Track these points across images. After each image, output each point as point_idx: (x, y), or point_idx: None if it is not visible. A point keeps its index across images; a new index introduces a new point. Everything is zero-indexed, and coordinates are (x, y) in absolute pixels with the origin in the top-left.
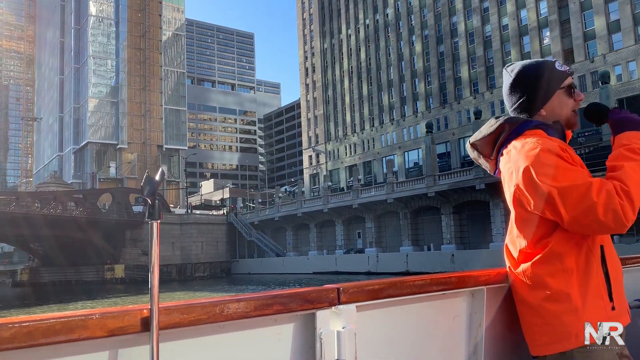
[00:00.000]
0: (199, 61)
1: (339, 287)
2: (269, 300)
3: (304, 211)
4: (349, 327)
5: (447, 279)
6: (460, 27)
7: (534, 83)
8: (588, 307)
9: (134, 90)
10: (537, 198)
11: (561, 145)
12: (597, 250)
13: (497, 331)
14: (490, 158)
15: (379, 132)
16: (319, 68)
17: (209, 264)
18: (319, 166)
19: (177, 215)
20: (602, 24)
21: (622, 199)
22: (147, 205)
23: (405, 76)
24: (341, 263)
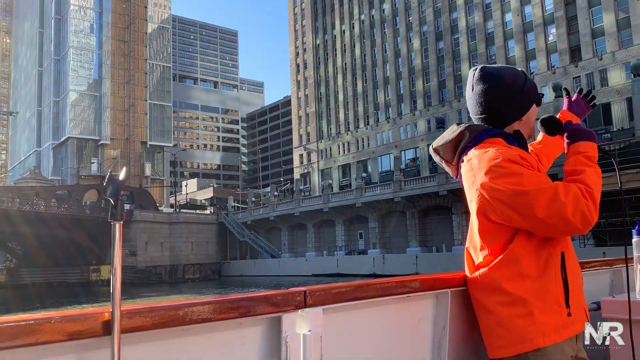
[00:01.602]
0: (181, 58)
1: (306, 290)
2: (234, 304)
3: (302, 210)
4: (315, 330)
5: (413, 282)
6: (461, 23)
7: (518, 93)
8: (544, 312)
9: (117, 84)
10: (503, 206)
11: (520, 154)
12: (558, 256)
13: (461, 333)
14: (452, 164)
15: (374, 131)
16: (311, 64)
17: (199, 266)
18: (311, 165)
19: (166, 214)
20: (611, 21)
21: (588, 200)
22: (109, 205)
23: (402, 73)
24: (343, 265)
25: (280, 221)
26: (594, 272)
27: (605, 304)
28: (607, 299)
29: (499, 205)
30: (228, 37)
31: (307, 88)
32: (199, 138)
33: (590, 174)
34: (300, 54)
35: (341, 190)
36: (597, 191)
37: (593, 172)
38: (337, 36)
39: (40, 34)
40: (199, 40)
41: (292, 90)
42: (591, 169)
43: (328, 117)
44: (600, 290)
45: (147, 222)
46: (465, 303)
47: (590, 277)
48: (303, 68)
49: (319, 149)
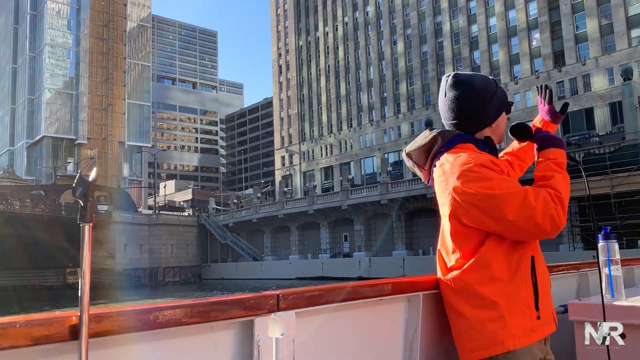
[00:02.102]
0: (160, 58)
1: (279, 293)
2: (205, 307)
3: (285, 212)
4: (288, 333)
5: (385, 285)
6: (445, 27)
7: (489, 100)
8: (514, 315)
9: (95, 83)
10: (474, 209)
11: (492, 159)
12: (528, 260)
13: (432, 336)
14: (424, 168)
15: (357, 133)
16: (293, 66)
17: (179, 269)
18: (293, 167)
19: (146, 216)
20: (595, 27)
21: (557, 205)
22: (79, 206)
23: (386, 76)
24: (328, 268)
25: (263, 223)
26: (562, 276)
27: (573, 307)
28: (574, 302)
29: (470, 209)
30: (207, 38)
31: (289, 89)
32: (176, 139)
33: (559, 180)
34: (283, 55)
35: (326, 192)
36: (566, 196)
37: (562, 178)
38: (320, 38)
39: (14, 30)
40: (177, 40)
41: (274, 91)
42: (560, 175)
43: (311, 119)
44: (568, 294)
45: (126, 224)
46: (436, 306)
47: (558, 280)
48: (285, 69)
49: (301, 151)
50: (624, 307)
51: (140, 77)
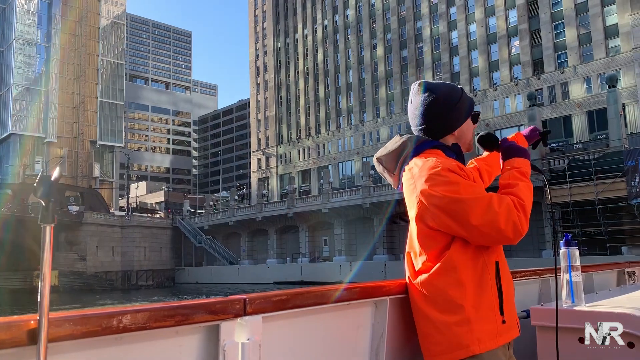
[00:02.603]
0: (132, 57)
1: (246, 297)
2: (170, 312)
3: (264, 215)
4: (254, 338)
5: (352, 290)
6: (426, 32)
7: (453, 107)
8: (480, 320)
9: (66, 80)
10: (440, 212)
11: (459, 165)
12: (493, 265)
13: (398, 341)
14: (394, 173)
15: (335, 137)
16: (271, 67)
17: (152, 272)
18: (269, 170)
19: (118, 217)
20: (573, 36)
21: (519, 212)
22: (41, 207)
23: (365, 80)
24: (308, 272)
25: (240, 227)
26: (524, 282)
27: (535, 312)
28: (537, 307)
29: (436, 212)
30: (182, 38)
31: (267, 91)
32: (148, 140)
33: (522, 188)
34: (261, 57)
35: (307, 195)
36: (529, 204)
37: (525, 186)
38: (299, 40)
39: None
40: (151, 39)
41: (252, 93)
42: (524, 183)
43: (288, 122)
44: (530, 299)
45: (98, 225)
46: (403, 311)
47: (520, 286)
48: (263, 71)
49: (278, 153)
50: (584, 312)
51: (114, 75)
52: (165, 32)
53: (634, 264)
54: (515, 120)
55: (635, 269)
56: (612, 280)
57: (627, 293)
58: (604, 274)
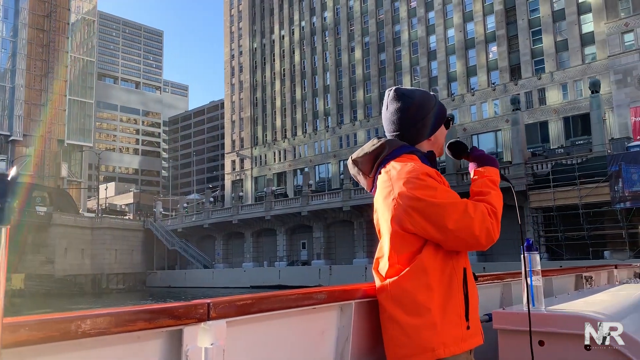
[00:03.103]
0: (101, 55)
1: (209, 302)
2: (132, 316)
3: (241, 218)
4: (218, 343)
5: (318, 294)
6: (404, 36)
7: (428, 114)
8: (446, 324)
9: (33, 76)
10: (418, 215)
11: (435, 171)
12: (461, 271)
13: (363, 344)
14: (369, 176)
15: (312, 139)
16: (247, 68)
17: (123, 275)
18: (244, 172)
19: (88, 219)
20: (550, 42)
21: (492, 219)
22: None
23: (342, 83)
24: (286, 276)
25: (215, 229)
26: (487, 286)
27: (496, 316)
28: (498, 311)
29: (414, 215)
30: (153, 37)
31: (242, 92)
32: (116, 140)
33: (494, 196)
34: (236, 57)
35: (285, 198)
36: (500, 212)
37: (496, 195)
38: (275, 41)
39: None
40: (121, 37)
41: (226, 93)
42: (495, 192)
43: (264, 123)
44: (492, 303)
45: (67, 227)
46: (369, 315)
47: (482, 290)
48: (238, 71)
49: (253, 155)
50: (544, 316)
51: (83, 72)
52: (135, 31)
53: (591, 268)
54: (492, 126)
55: (592, 274)
56: (570, 284)
57: (584, 297)
58: (562, 278)
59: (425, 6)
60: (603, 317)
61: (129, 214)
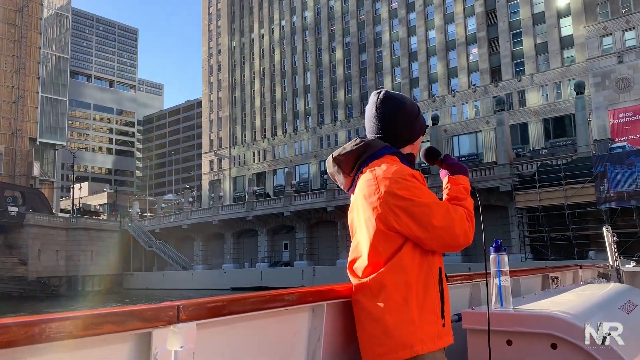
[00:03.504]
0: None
1: (179, 304)
2: (99, 319)
3: (221, 218)
4: (188, 346)
5: (290, 295)
6: (385, 36)
7: (416, 118)
8: (423, 321)
9: (4, 72)
10: (404, 214)
11: (420, 174)
12: (436, 270)
13: (335, 345)
14: (349, 175)
15: (292, 139)
16: (225, 67)
17: (99, 277)
18: (222, 172)
19: (63, 219)
20: (530, 45)
21: (469, 222)
22: None
23: (323, 83)
24: (268, 277)
25: (195, 230)
26: (456, 286)
27: (466, 316)
28: (467, 311)
29: (400, 213)
30: (127, 35)
31: (220, 91)
32: (89, 139)
33: (470, 202)
34: (214, 55)
35: (267, 198)
36: (474, 217)
37: (470, 202)
38: (255, 40)
39: None
40: (95, 35)
41: (204, 92)
42: (469, 199)
43: (243, 123)
44: (461, 303)
45: (41, 227)
46: (341, 315)
47: (452, 290)
48: (217, 70)
49: (231, 155)
50: (512, 315)
51: (56, 69)
52: (110, 28)
53: (557, 269)
54: (472, 127)
55: (558, 274)
56: (537, 284)
57: (551, 297)
58: (529, 279)
59: (406, 7)
60: (569, 316)
61: (103, 214)
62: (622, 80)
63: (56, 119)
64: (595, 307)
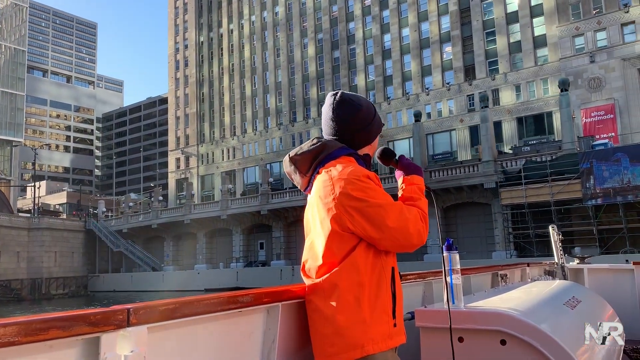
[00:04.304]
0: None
1: (129, 307)
2: (43, 324)
3: (193, 217)
4: (138, 350)
5: (244, 297)
6: (358, 34)
7: (372, 120)
8: (374, 321)
9: None
10: (358, 215)
11: (374, 174)
12: (389, 270)
13: (290, 346)
14: (305, 175)
15: (263, 137)
16: (193, 62)
17: (64, 280)
18: (189, 170)
19: (25, 219)
20: (504, 44)
21: (423, 222)
22: None
23: (295, 79)
24: (244, 278)
25: (165, 230)
26: (410, 284)
27: (419, 314)
28: (420, 309)
29: (355, 214)
30: (86, 29)
31: (187, 87)
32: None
33: (424, 203)
34: (181, 50)
35: (243, 196)
36: (427, 217)
37: (425, 202)
38: (224, 35)
39: None
40: (51, 28)
41: (170, 88)
42: (424, 199)
43: (211, 120)
44: (415, 301)
45: (1, 227)
46: (296, 316)
47: (406, 289)
48: (184, 65)
49: (199, 153)
50: (463, 313)
51: (13, 62)
52: (67, 22)
53: (506, 267)
54: (446, 125)
55: (507, 272)
56: (487, 282)
57: (500, 294)
58: (480, 277)
59: (379, 5)
60: (517, 313)
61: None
62: (594, 80)
63: (13, 115)
64: (542, 303)
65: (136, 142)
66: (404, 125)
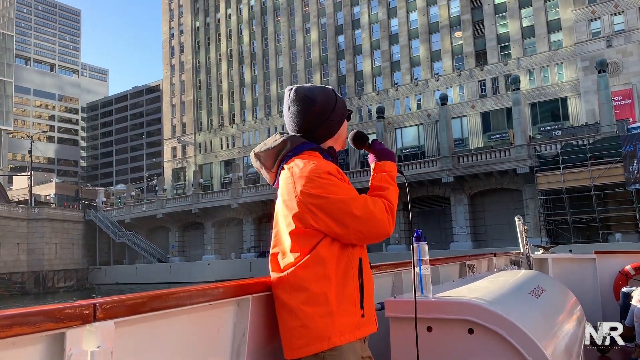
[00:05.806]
0: None
1: (95, 302)
2: (6, 321)
3: (202, 207)
4: (105, 345)
5: (214, 290)
6: (363, 18)
7: (331, 114)
8: (341, 312)
9: None
10: (320, 211)
11: (337, 169)
12: (356, 261)
13: (260, 339)
14: (271, 170)
15: (264, 124)
16: (189, 48)
17: (64, 272)
18: (186, 159)
19: (24, 209)
20: (517, 28)
21: (389, 214)
22: None
23: (297, 65)
24: (258, 268)
25: (170, 220)
26: (380, 275)
27: (388, 304)
28: (390, 300)
29: (317, 212)
30: (69, 16)
31: (183, 74)
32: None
33: (392, 192)
34: (176, 36)
35: (254, 184)
36: (395, 207)
37: (394, 191)
38: (221, 20)
39: None
40: (33, 15)
41: (165, 75)
42: (393, 187)
43: (209, 107)
44: (385, 292)
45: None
46: (266, 309)
47: (377, 279)
48: (179, 52)
49: (196, 141)
50: (432, 303)
51: (0, 47)
52: (50, 9)
53: (474, 257)
54: (457, 112)
55: (474, 262)
56: (455, 272)
57: (467, 284)
58: (448, 267)
59: None
60: (484, 302)
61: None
62: (611, 65)
63: (2, 102)
64: (508, 292)
65: (123, 132)
66: (413, 111)
